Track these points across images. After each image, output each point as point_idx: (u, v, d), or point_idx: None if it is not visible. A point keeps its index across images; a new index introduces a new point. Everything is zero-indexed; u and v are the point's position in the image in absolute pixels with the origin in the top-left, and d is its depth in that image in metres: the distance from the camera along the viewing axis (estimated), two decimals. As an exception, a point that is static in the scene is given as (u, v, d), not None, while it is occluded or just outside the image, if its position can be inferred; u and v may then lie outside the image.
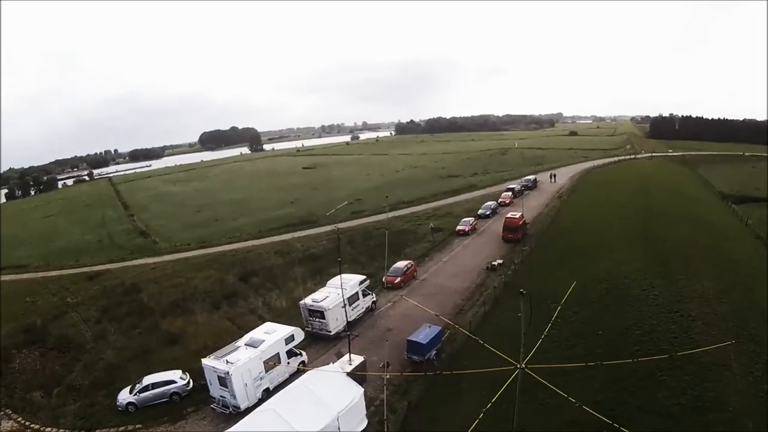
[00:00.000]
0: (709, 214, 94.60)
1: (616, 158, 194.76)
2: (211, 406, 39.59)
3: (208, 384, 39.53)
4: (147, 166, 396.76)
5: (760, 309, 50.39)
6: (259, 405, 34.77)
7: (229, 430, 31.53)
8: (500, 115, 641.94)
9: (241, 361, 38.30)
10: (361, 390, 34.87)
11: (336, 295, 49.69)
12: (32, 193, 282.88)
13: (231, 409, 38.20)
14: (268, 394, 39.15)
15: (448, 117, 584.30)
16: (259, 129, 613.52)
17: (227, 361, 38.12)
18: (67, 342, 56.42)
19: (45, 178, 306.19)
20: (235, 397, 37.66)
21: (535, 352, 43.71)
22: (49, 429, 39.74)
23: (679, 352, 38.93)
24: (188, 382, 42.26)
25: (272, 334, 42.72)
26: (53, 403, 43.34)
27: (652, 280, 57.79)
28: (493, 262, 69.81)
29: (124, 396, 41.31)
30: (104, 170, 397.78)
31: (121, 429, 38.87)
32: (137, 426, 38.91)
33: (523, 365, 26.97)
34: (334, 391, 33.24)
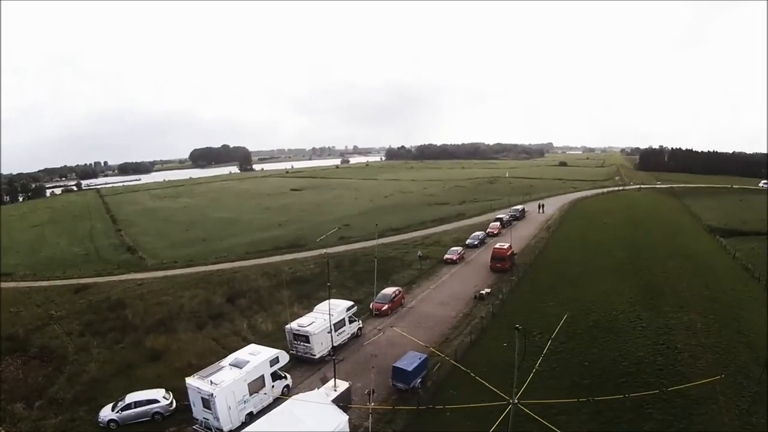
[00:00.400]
0: (696, 247, 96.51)
1: (604, 189, 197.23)
2: (194, 427, 39.33)
3: (192, 405, 39.23)
4: (136, 180, 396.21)
5: (747, 341, 51.32)
6: (242, 429, 34.61)
7: None
8: (491, 143, 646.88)
9: (226, 383, 38.03)
10: (345, 417, 34.58)
11: (323, 320, 49.89)
12: (20, 199, 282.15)
13: None
14: (251, 417, 38.86)
15: (438, 144, 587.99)
16: (251, 148, 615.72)
17: (212, 382, 37.85)
18: (49, 353, 56.36)
19: (33, 185, 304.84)
20: (218, 420, 37.31)
21: (521, 383, 44.37)
22: (30, 442, 39.30)
23: (669, 386, 39.61)
24: (171, 402, 42.16)
25: (257, 356, 42.59)
26: (34, 416, 43.09)
27: (639, 312, 58.99)
28: (481, 291, 70.22)
29: (106, 413, 41.11)
30: (92, 181, 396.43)
31: (100, 447, 38.65)
32: (118, 444, 38.69)
33: (516, 400, 27.32)
34: (318, 418, 32.94)
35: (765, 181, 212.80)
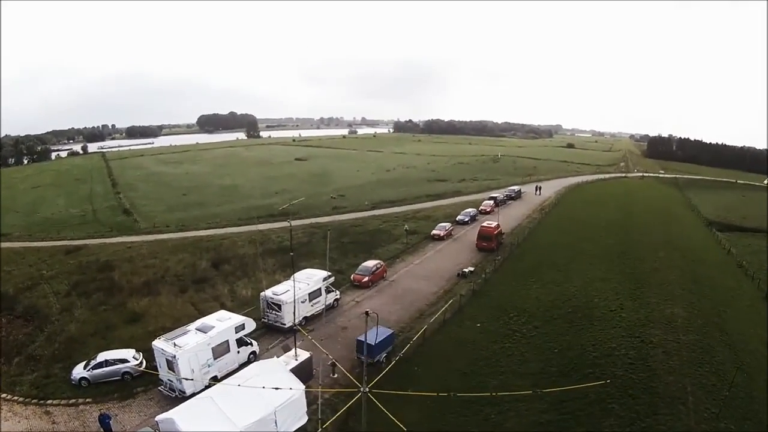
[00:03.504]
0: (691, 239, 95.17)
1: (607, 175, 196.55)
2: (159, 388, 40.36)
3: (158, 366, 40.20)
4: (150, 144, 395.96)
5: (729, 341, 50.02)
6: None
7: (163, 414, 32.42)
8: (499, 122, 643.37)
9: (189, 346, 38.98)
10: (302, 387, 35.38)
11: (298, 289, 50.22)
12: (25, 161, 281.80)
13: (177, 393, 38.85)
14: (216, 381, 39.50)
15: (446, 119, 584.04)
16: (259, 116, 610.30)
17: (175, 345, 38.82)
18: (34, 312, 57.40)
19: (39, 147, 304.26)
20: (181, 382, 38.30)
21: (488, 365, 45.07)
22: (4, 395, 40.55)
23: (634, 381, 39.87)
24: (141, 362, 42.91)
25: (223, 322, 43.34)
26: (12, 371, 44.15)
27: (622, 301, 57.93)
28: (465, 269, 70.54)
29: (79, 371, 42.05)
30: (101, 144, 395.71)
31: (71, 402, 39.67)
32: (87, 400, 39.70)
33: (366, 389, 27.59)
34: (275, 385, 33.17)
35: None
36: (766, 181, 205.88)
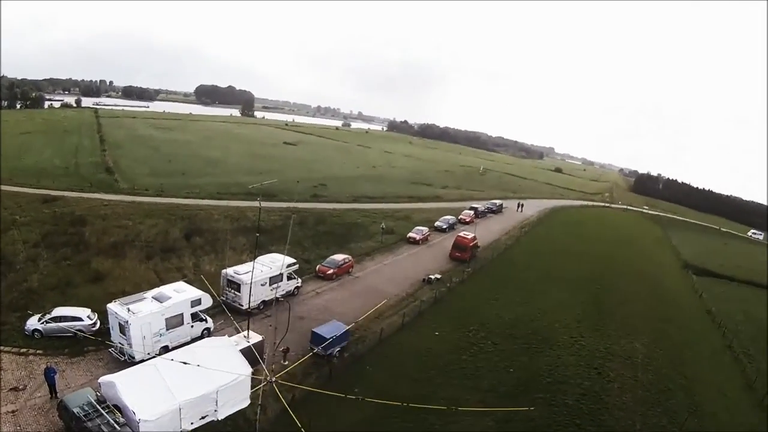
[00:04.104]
0: (664, 278, 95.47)
1: (591, 203, 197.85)
2: (110, 350, 40.94)
3: (111, 329, 40.86)
4: (145, 107, 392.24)
5: (687, 385, 50.64)
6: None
7: (106, 376, 32.93)
8: (493, 135, 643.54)
9: (143, 313, 39.61)
10: (249, 369, 35.72)
11: (259, 271, 50.94)
12: (17, 106, 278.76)
13: (126, 357, 39.46)
14: (165, 351, 40.21)
15: (441, 126, 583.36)
16: (257, 95, 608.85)
17: (129, 310, 39.39)
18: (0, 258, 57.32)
19: (34, 94, 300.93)
20: (131, 347, 38.88)
21: (440, 374, 45.66)
22: (-44, 338, 40.72)
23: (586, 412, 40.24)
24: (95, 323, 43.63)
25: (180, 294, 43.92)
26: (-33, 316, 44.29)
27: (583, 329, 58.52)
28: (431, 276, 70.96)
29: (33, 322, 42.61)
30: (96, 100, 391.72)
31: (22, 351, 40.30)
32: (38, 352, 40.35)
33: (274, 379, 28.30)
34: (221, 364, 33.76)
35: (754, 231, 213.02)
36: (749, 233, 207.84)
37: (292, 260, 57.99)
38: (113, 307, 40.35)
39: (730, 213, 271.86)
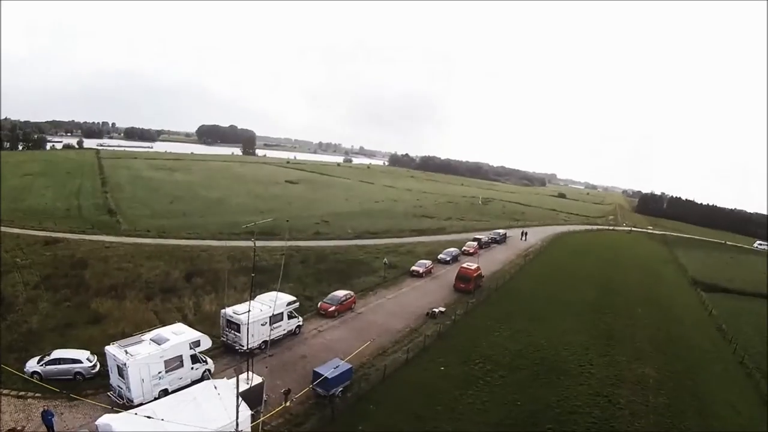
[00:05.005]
0: (673, 298, 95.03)
1: (595, 226, 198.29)
2: (109, 393, 40.31)
3: (110, 372, 40.31)
4: (148, 148, 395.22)
5: (700, 407, 49.76)
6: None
7: (102, 418, 32.37)
8: (494, 165, 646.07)
9: (141, 356, 38.96)
10: (248, 412, 34.77)
11: (259, 311, 50.45)
12: (20, 147, 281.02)
13: (125, 401, 38.74)
14: (165, 395, 39.42)
15: (443, 157, 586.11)
16: (259, 133, 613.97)
17: (127, 352, 38.81)
18: (0, 300, 57.14)
19: (36, 136, 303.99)
20: (129, 390, 38.31)
21: (446, 410, 44.94)
22: (-45, 380, 40.37)
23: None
24: (95, 365, 43.15)
25: (179, 335, 43.26)
26: (-33, 356, 43.96)
27: (592, 356, 57.81)
28: (434, 309, 70.09)
29: (32, 364, 42.23)
30: (98, 142, 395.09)
31: (20, 394, 39.79)
32: (36, 395, 39.67)
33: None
34: (221, 407, 33.00)
35: (760, 242, 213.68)
36: (755, 245, 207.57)
37: (292, 298, 57.57)
38: (111, 349, 39.76)
39: (734, 226, 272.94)
